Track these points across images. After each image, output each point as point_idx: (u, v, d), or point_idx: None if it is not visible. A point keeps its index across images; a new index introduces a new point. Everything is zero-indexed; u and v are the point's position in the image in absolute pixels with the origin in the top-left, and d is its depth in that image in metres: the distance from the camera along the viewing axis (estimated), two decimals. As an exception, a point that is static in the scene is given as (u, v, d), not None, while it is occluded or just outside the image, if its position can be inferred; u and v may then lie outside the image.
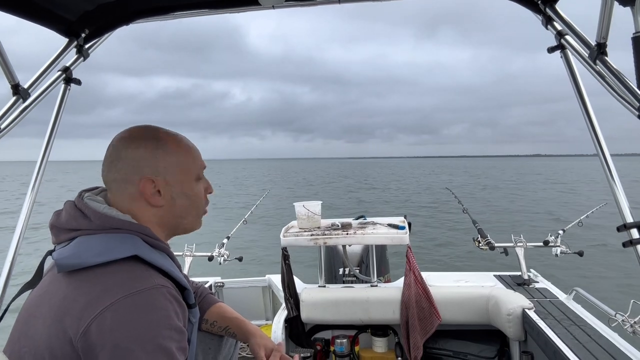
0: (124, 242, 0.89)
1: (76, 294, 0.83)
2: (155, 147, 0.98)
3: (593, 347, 1.58)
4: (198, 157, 1.06)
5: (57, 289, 0.87)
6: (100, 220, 0.92)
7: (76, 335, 0.79)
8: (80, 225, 0.92)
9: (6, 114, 1.30)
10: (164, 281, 0.88)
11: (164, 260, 0.94)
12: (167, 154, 0.98)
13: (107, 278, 0.84)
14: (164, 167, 0.98)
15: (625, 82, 1.01)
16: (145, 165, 0.96)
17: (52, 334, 0.82)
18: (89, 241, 0.89)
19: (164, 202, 0.98)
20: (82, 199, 0.97)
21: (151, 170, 0.96)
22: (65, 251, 0.89)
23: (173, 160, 0.99)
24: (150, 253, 0.91)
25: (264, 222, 11.91)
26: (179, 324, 0.86)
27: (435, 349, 2.19)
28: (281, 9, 1.44)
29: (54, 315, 0.83)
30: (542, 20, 1.29)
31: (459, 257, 8.85)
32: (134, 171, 0.96)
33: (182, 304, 0.92)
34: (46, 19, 1.36)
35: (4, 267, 1.37)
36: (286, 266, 2.29)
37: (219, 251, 2.92)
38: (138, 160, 0.96)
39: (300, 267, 5.97)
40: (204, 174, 1.10)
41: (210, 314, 1.29)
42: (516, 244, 2.59)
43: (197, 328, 1.27)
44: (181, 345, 0.85)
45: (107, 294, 0.81)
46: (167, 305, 0.84)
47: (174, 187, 0.99)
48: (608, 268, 7.63)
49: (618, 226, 0.99)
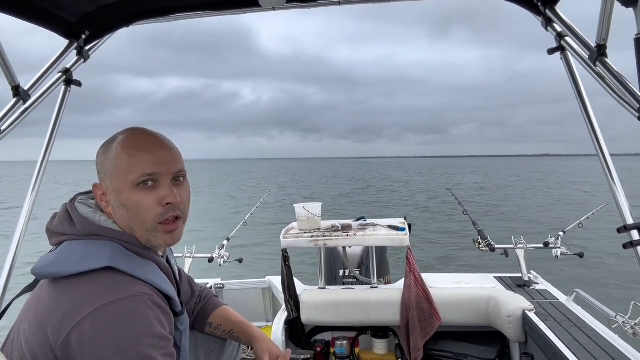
0: (102, 250, 0.87)
1: (58, 302, 0.82)
2: (103, 151, 0.95)
3: (593, 349, 1.58)
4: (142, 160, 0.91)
5: (43, 295, 0.86)
6: (82, 225, 0.91)
7: (57, 344, 0.78)
8: (65, 230, 0.91)
9: (6, 115, 1.30)
10: (146, 289, 0.87)
11: (145, 269, 0.91)
12: (108, 159, 0.93)
13: (88, 286, 0.83)
14: (105, 173, 0.94)
15: (625, 83, 1.01)
16: (98, 170, 0.95)
17: (36, 340, 0.82)
18: (71, 247, 0.89)
19: (111, 210, 0.94)
20: (74, 202, 0.96)
21: (100, 176, 0.95)
22: (45, 259, 0.89)
23: (111, 166, 0.93)
24: (128, 262, 0.88)
25: (264, 224, 11.90)
26: (163, 331, 0.85)
27: (435, 350, 2.18)
28: (282, 10, 1.44)
29: (38, 322, 0.83)
30: (542, 21, 1.29)
31: (460, 258, 8.85)
32: (98, 176, 0.96)
33: (167, 311, 0.90)
34: (46, 20, 1.37)
35: (5, 267, 1.37)
36: (286, 268, 2.29)
37: (219, 253, 2.92)
38: (96, 165, 0.96)
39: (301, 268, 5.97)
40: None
41: (214, 317, 1.27)
42: (516, 246, 2.59)
43: (201, 331, 1.27)
44: (167, 352, 0.84)
45: (87, 303, 0.80)
46: (148, 312, 0.83)
47: (111, 194, 0.93)
48: (608, 269, 7.62)
49: (618, 227, 0.99)
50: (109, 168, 0.93)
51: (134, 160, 0.91)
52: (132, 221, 0.92)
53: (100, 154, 0.96)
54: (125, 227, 0.93)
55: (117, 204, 0.92)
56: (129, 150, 0.92)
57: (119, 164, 0.91)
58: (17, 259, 1.38)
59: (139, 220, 0.92)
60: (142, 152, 0.92)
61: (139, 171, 0.90)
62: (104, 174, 0.94)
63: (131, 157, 0.91)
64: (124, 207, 0.92)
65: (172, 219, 0.94)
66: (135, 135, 0.95)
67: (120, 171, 0.91)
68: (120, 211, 0.92)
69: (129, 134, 0.96)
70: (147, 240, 0.94)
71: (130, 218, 0.92)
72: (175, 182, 0.96)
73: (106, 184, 0.93)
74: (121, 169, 0.91)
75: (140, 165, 0.91)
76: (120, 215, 0.93)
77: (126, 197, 0.91)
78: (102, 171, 0.94)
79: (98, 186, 0.95)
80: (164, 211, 0.93)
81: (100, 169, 0.94)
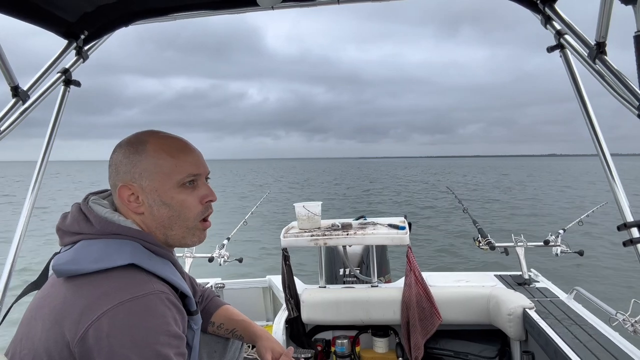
0: (122, 249, 0.88)
1: (75, 299, 0.82)
2: (133, 152, 0.96)
3: (594, 347, 1.58)
4: (185, 161, 0.97)
5: (57, 293, 0.86)
6: (101, 225, 0.91)
7: (74, 340, 0.78)
8: (82, 229, 0.92)
9: (6, 116, 1.30)
10: (163, 287, 0.88)
11: (165, 268, 0.93)
12: (143, 159, 0.95)
13: (106, 283, 0.83)
14: (139, 173, 0.95)
15: (624, 81, 1.00)
16: (123, 170, 0.95)
17: (51, 337, 0.82)
18: (89, 246, 0.89)
19: (144, 210, 0.95)
20: (88, 202, 0.97)
21: (128, 177, 0.95)
22: (64, 257, 0.89)
23: (149, 165, 0.94)
24: (148, 260, 0.90)
25: (265, 222, 11.90)
26: (177, 330, 0.86)
27: (436, 349, 2.18)
28: (280, 9, 1.44)
29: (53, 319, 0.83)
30: (541, 19, 1.29)
31: (460, 256, 8.85)
32: (116, 177, 0.96)
33: (182, 310, 0.91)
34: (45, 20, 1.36)
35: (5, 267, 1.37)
36: (286, 267, 2.29)
37: (220, 252, 2.92)
38: (117, 166, 0.96)
39: (301, 267, 5.98)
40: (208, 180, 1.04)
41: (217, 317, 1.28)
42: (516, 244, 2.59)
43: (204, 331, 1.27)
44: (180, 351, 0.85)
45: (105, 300, 0.80)
46: (165, 311, 0.84)
47: (150, 194, 0.95)
48: (608, 267, 7.62)
49: (618, 225, 0.99)
50: (147, 168, 0.94)
51: (178, 162, 0.96)
52: (172, 219, 0.96)
53: (127, 155, 0.96)
54: (156, 226, 0.96)
55: (158, 203, 0.95)
56: (171, 152, 0.96)
57: (161, 164, 0.95)
58: (17, 259, 1.39)
59: (181, 218, 0.96)
60: (184, 154, 0.98)
61: (184, 172, 0.96)
62: (138, 175, 0.94)
63: (175, 159, 0.96)
64: (166, 206, 0.95)
65: (208, 217, 1.01)
66: (169, 138, 1.00)
67: (163, 171, 0.94)
68: (160, 210, 0.95)
69: (160, 136, 0.99)
70: (182, 238, 0.99)
71: (172, 216, 0.96)
72: (207, 181, 1.03)
73: (142, 184, 0.95)
74: (164, 169, 0.95)
75: (184, 166, 0.96)
76: (159, 214, 0.95)
77: (170, 196, 0.95)
78: (135, 172, 0.95)
79: (127, 186, 0.95)
80: (204, 209, 0.99)
81: (131, 169, 0.95)
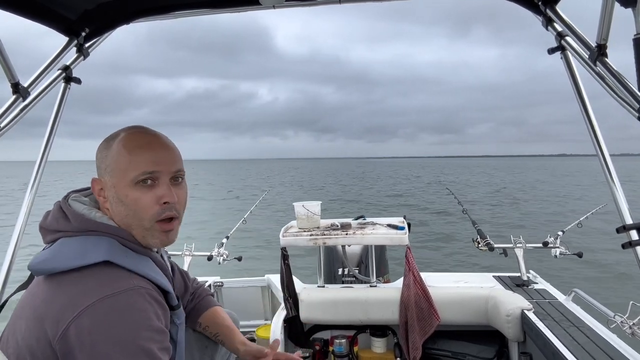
0: (98, 246, 0.88)
1: (55, 297, 0.82)
2: (105, 146, 0.96)
3: (592, 349, 1.58)
4: (142, 158, 0.92)
5: (38, 291, 0.87)
6: (78, 222, 0.91)
7: (55, 338, 0.78)
8: (60, 226, 0.91)
9: (6, 112, 1.30)
10: (143, 282, 0.87)
11: (141, 264, 0.92)
12: (109, 154, 0.94)
13: (85, 280, 0.83)
14: (104, 168, 0.95)
15: (625, 83, 1.01)
16: (97, 164, 0.96)
17: (33, 335, 0.82)
18: (68, 244, 0.89)
19: (109, 206, 0.95)
20: (68, 200, 0.97)
21: (100, 171, 0.96)
22: (40, 256, 0.89)
23: (112, 161, 0.94)
24: (124, 257, 0.89)
25: (264, 222, 11.90)
26: (160, 325, 0.86)
27: (434, 349, 2.18)
28: (282, 8, 1.44)
29: (34, 318, 0.83)
30: (542, 21, 1.29)
31: (459, 255, 8.85)
32: (97, 171, 0.97)
33: (163, 305, 0.91)
34: (46, 17, 1.36)
35: (3, 267, 1.37)
36: (285, 266, 2.29)
37: (218, 251, 2.92)
38: (96, 160, 0.97)
39: (300, 267, 5.97)
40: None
41: (203, 318, 1.28)
42: (515, 245, 2.59)
43: (191, 328, 1.27)
44: (163, 346, 0.85)
45: (85, 296, 0.80)
46: (146, 306, 0.84)
47: (110, 190, 0.94)
48: (607, 269, 7.63)
49: (617, 227, 0.99)
50: (109, 164, 0.94)
51: (134, 158, 0.92)
52: (129, 218, 0.93)
53: (100, 149, 0.97)
54: (122, 223, 0.94)
55: (115, 199, 0.93)
56: (130, 147, 0.93)
57: (119, 160, 0.93)
58: (15, 258, 1.38)
59: (136, 218, 0.93)
60: (143, 150, 0.93)
61: (139, 169, 0.92)
62: (103, 169, 0.95)
63: (132, 155, 0.92)
64: (121, 204, 0.93)
65: (168, 219, 0.95)
66: (136, 134, 0.96)
67: (120, 168, 0.92)
68: (117, 207, 0.93)
69: (130, 131, 0.97)
70: (142, 238, 0.95)
71: (128, 215, 0.93)
72: (174, 182, 0.97)
73: (105, 179, 0.95)
74: (121, 165, 0.92)
75: (140, 163, 0.92)
76: (118, 211, 0.94)
77: (125, 194, 0.92)
78: (102, 166, 0.95)
79: (97, 180, 0.96)
80: (161, 210, 0.94)
81: (100, 164, 0.96)
